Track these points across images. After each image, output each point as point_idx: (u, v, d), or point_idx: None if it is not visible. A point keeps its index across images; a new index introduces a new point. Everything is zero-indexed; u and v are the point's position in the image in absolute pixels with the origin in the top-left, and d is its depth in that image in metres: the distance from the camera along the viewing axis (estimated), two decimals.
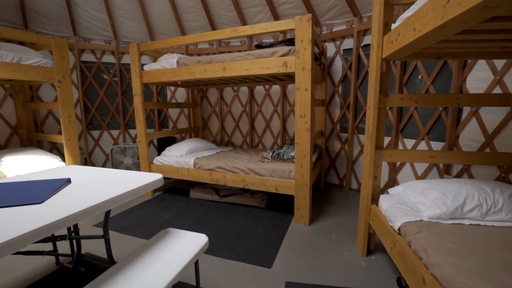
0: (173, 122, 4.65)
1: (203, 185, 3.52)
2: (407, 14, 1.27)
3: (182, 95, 4.59)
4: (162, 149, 3.76)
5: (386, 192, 2.03)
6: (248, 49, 4.00)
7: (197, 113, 4.46)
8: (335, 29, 3.50)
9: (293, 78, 3.23)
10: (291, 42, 2.66)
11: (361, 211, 2.02)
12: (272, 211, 2.88)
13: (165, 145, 3.92)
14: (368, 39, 3.16)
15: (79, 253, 1.69)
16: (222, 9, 3.89)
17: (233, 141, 4.53)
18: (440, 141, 2.59)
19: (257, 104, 4.22)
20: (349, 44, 3.39)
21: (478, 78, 2.28)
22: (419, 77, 2.73)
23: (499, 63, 2.14)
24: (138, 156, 3.70)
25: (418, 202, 1.62)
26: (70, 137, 2.83)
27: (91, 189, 1.28)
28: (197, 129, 4.47)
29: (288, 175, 2.61)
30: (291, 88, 3.94)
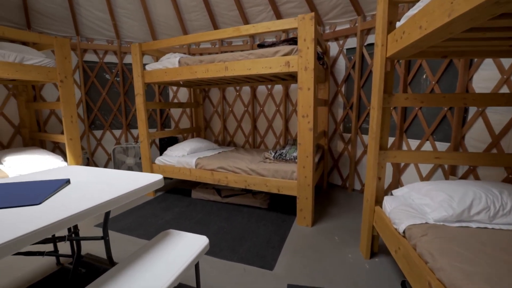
0: (175, 122, 4.64)
1: (205, 185, 3.50)
2: (412, 11, 1.25)
3: (184, 95, 4.58)
4: (164, 149, 3.76)
5: (390, 194, 2.00)
6: (250, 48, 3.97)
7: (199, 113, 4.45)
8: (338, 28, 3.46)
9: (295, 77, 3.20)
10: (293, 41, 2.63)
11: (364, 213, 1.99)
12: (274, 212, 2.86)
13: (167, 145, 3.91)
14: (372, 38, 3.13)
15: (79, 254, 1.68)
16: (224, 8, 3.87)
17: (235, 141, 4.51)
18: (445, 142, 2.54)
19: (260, 104, 4.19)
20: (352, 43, 3.36)
21: (484, 78, 2.23)
22: (424, 76, 2.68)
23: (507, 62, 2.10)
24: (140, 156, 3.69)
25: (423, 204, 1.59)
26: (72, 137, 2.83)
27: (90, 190, 1.27)
28: (199, 129, 4.46)
29: (290, 175, 2.59)
30: (293, 88, 3.91)
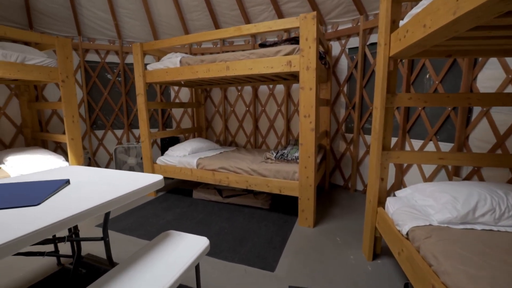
0: (177, 122, 4.63)
1: (206, 185, 3.49)
2: (416, 10, 1.23)
3: (185, 95, 4.58)
4: (165, 149, 3.75)
5: (392, 194, 1.98)
6: (252, 48, 3.96)
7: (201, 113, 4.45)
8: (340, 27, 3.44)
9: (297, 77, 3.18)
10: (295, 40, 2.61)
11: (367, 214, 1.97)
12: (276, 212, 2.84)
13: (168, 145, 3.90)
14: (374, 37, 3.10)
15: (79, 254, 1.67)
16: (226, 8, 3.86)
17: (236, 141, 4.50)
18: (449, 142, 2.51)
19: (261, 104, 4.18)
20: (354, 42, 3.33)
21: (489, 77, 2.20)
22: (427, 76, 2.66)
23: None
24: (142, 156, 3.69)
25: (427, 205, 1.57)
26: (74, 136, 2.84)
27: (91, 190, 1.26)
28: (200, 129, 4.46)
29: (292, 176, 2.57)
30: (295, 88, 3.89)
